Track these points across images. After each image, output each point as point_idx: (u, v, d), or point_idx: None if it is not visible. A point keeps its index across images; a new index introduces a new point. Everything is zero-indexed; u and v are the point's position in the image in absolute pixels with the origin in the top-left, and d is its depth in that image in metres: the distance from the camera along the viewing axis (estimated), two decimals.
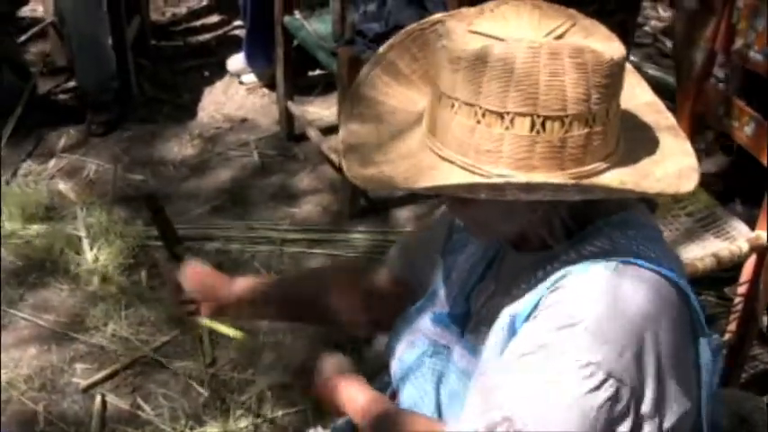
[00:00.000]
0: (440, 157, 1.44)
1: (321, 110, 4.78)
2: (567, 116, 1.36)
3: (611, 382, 1.40)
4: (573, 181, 1.39)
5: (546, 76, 1.34)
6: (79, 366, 3.40)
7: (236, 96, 5.02)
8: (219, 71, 5.17)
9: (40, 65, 5.19)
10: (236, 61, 5.09)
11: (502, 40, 1.36)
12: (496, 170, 1.39)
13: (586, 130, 1.38)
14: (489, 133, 1.38)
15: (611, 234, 1.51)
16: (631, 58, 4.51)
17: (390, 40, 1.60)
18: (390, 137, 1.52)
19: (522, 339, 1.47)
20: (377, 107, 1.57)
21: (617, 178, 1.42)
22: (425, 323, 1.76)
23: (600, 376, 1.39)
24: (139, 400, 3.26)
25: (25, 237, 3.94)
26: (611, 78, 1.38)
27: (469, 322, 1.69)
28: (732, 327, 3.01)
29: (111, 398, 3.27)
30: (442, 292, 1.78)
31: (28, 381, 3.33)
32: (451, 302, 1.74)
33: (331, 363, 1.84)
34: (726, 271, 3.13)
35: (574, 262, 1.48)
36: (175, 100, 4.99)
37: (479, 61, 1.35)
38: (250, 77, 5.06)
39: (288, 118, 4.56)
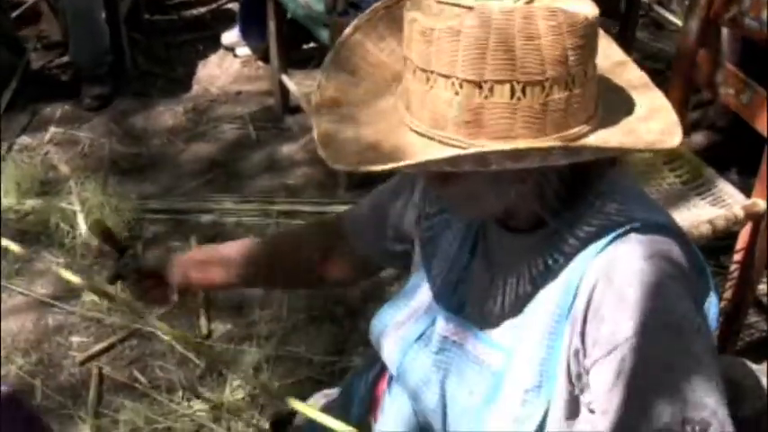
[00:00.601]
0: (417, 133, 1.40)
1: (315, 82, 4.72)
2: (546, 80, 1.33)
3: (695, 324, 1.43)
4: (560, 143, 1.36)
5: (522, 41, 1.31)
6: (76, 340, 3.41)
7: (231, 69, 5.01)
8: (214, 45, 5.16)
9: (34, 40, 5.18)
10: (231, 35, 5.07)
11: (471, 8, 1.32)
12: (477, 142, 1.35)
13: (566, 93, 1.35)
14: (468, 104, 1.34)
15: (617, 201, 1.49)
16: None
17: (355, 22, 1.55)
18: (366, 118, 1.48)
19: (603, 340, 1.43)
20: (349, 89, 1.52)
21: (602, 138, 1.40)
22: (417, 314, 1.71)
23: (697, 321, 1.44)
24: (136, 373, 3.26)
25: (21, 211, 3.93)
26: (587, 39, 1.35)
27: (468, 310, 1.65)
28: (728, 294, 3.01)
29: (107, 370, 3.28)
30: (425, 283, 1.73)
31: (25, 355, 3.34)
32: (439, 287, 1.70)
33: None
34: (722, 240, 3.13)
35: (590, 236, 1.46)
36: (169, 74, 4.98)
37: (453, 31, 1.31)
38: (244, 51, 5.05)
39: (282, 91, 4.55)
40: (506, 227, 1.58)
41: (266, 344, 3.30)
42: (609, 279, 1.42)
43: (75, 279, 2.14)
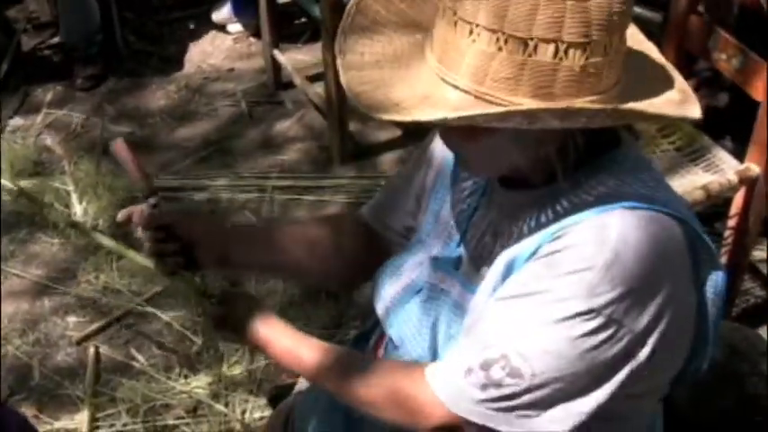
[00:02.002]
0: (453, 86, 1.40)
1: (308, 57, 4.74)
2: (589, 43, 1.33)
3: (610, 324, 1.40)
4: (611, 106, 1.36)
5: (572, 1, 1.30)
6: (72, 319, 3.41)
7: (223, 46, 4.99)
8: (205, 22, 5.13)
9: (24, 21, 5.14)
10: (222, 11, 5.05)
11: None
12: (515, 99, 1.35)
13: (604, 58, 1.35)
14: (510, 61, 1.34)
15: (619, 175, 1.48)
16: None
17: None
18: (392, 66, 1.48)
19: (521, 280, 1.46)
20: (370, 47, 1.51)
21: (646, 103, 1.40)
22: (420, 267, 1.73)
23: (600, 320, 1.39)
24: (133, 351, 3.26)
25: (14, 192, 3.92)
26: (628, 3, 1.36)
27: (463, 263, 1.67)
28: (723, 260, 3.01)
29: (104, 349, 3.28)
30: (430, 236, 1.76)
31: (22, 335, 3.34)
32: (442, 246, 1.72)
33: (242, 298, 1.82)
34: (716, 207, 3.13)
35: (582, 207, 1.46)
36: (161, 52, 4.95)
37: None
38: (236, 27, 5.03)
39: (274, 66, 4.53)
40: (508, 184, 1.58)
41: None
42: (569, 238, 1.43)
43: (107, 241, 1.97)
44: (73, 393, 3.12)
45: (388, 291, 1.77)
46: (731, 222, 2.97)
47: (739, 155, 2.98)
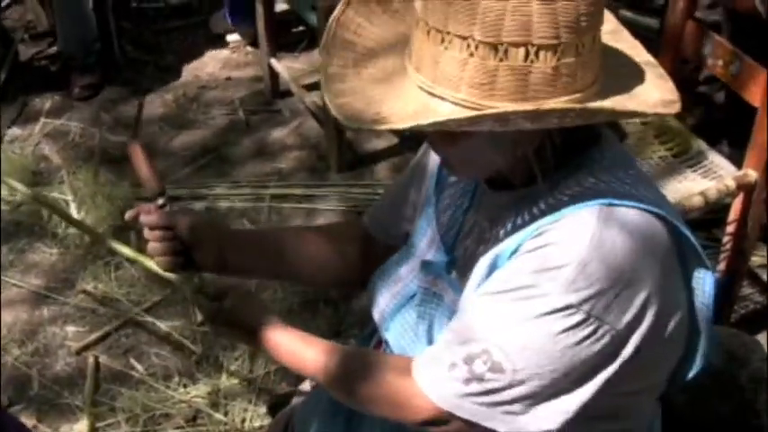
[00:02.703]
0: (430, 93, 1.42)
1: (305, 66, 4.76)
2: (559, 44, 1.35)
3: (590, 320, 1.41)
4: (580, 105, 1.38)
5: (539, 4, 1.32)
6: (71, 329, 3.41)
7: (220, 55, 5.00)
8: (202, 31, 5.15)
9: (22, 31, 5.15)
10: (219, 20, 5.06)
11: None
12: (491, 103, 1.37)
13: (576, 58, 1.37)
14: (483, 66, 1.36)
15: (596, 173, 1.50)
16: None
17: None
18: (374, 78, 1.50)
19: (503, 277, 1.48)
20: (354, 49, 1.54)
21: (616, 102, 1.42)
22: (414, 272, 1.75)
23: (579, 316, 1.40)
24: (132, 360, 3.26)
25: (13, 202, 3.93)
26: (597, 5, 1.38)
27: (455, 267, 1.69)
28: (721, 267, 3.01)
29: (103, 359, 3.28)
30: (423, 241, 1.77)
31: (21, 345, 3.34)
32: (435, 251, 1.74)
33: (243, 299, 1.80)
34: (714, 213, 3.14)
35: (559, 205, 1.47)
36: (158, 61, 4.96)
37: None
38: (233, 36, 5.04)
39: (271, 75, 4.54)
40: (493, 185, 1.61)
41: None
42: (549, 236, 1.44)
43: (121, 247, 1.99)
44: (72, 403, 3.12)
45: (384, 296, 1.79)
46: (729, 228, 2.97)
47: (737, 161, 2.98)
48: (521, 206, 1.53)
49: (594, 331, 1.42)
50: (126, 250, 2.03)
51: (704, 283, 1.55)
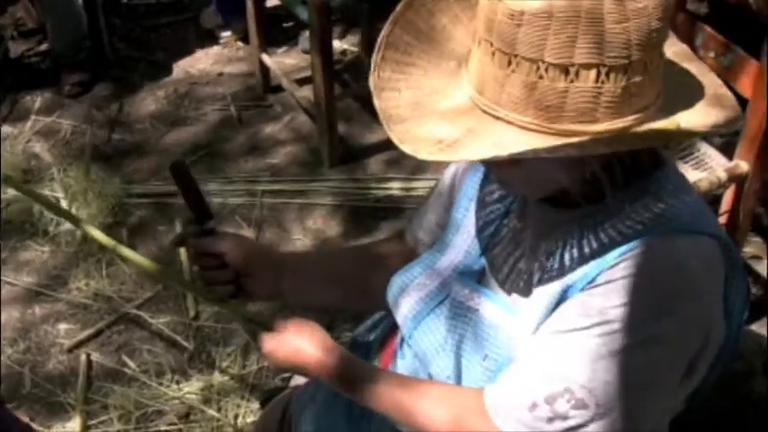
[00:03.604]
0: (495, 117, 1.37)
1: (296, 61, 4.75)
2: (630, 64, 1.31)
3: (668, 350, 1.41)
4: (674, 127, 1.34)
5: (611, 24, 1.28)
6: (63, 327, 3.40)
7: (211, 51, 4.99)
8: (193, 27, 5.14)
9: (11, 28, 5.14)
10: (210, 16, 5.05)
11: None
12: (560, 126, 1.33)
13: (645, 76, 1.33)
14: (552, 88, 1.31)
15: (663, 198, 1.47)
16: None
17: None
18: (432, 103, 1.44)
19: (580, 312, 1.44)
20: (405, 69, 1.49)
21: (678, 119, 1.38)
22: (441, 278, 1.71)
23: (660, 348, 1.40)
24: (125, 357, 3.26)
25: (4, 200, 3.91)
26: (665, 21, 1.33)
27: (486, 275, 1.65)
28: None
29: (96, 356, 3.28)
30: (450, 246, 1.74)
31: (13, 343, 3.33)
32: (464, 256, 1.71)
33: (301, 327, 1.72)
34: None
35: (631, 234, 1.44)
36: (149, 57, 4.95)
37: (545, 14, 1.28)
38: (224, 32, 5.03)
39: (263, 70, 4.53)
40: (550, 202, 1.55)
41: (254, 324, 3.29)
42: (628, 267, 1.41)
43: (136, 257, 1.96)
44: (65, 401, 3.11)
45: (407, 300, 1.74)
46: (721, 219, 2.97)
47: (728, 152, 2.98)
48: (584, 230, 1.49)
49: (672, 360, 1.42)
50: (129, 252, 1.96)
51: (741, 308, 1.56)
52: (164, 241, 3.72)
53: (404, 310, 1.74)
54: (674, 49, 1.50)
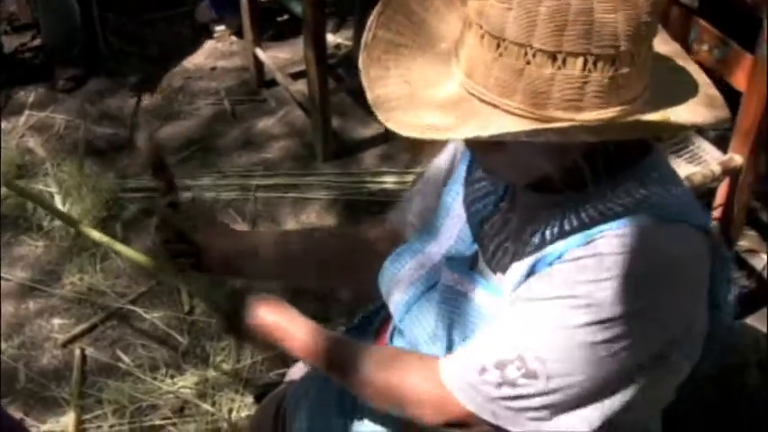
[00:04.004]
0: (482, 101, 1.37)
1: (290, 55, 4.75)
2: (617, 54, 1.31)
3: (632, 334, 1.39)
4: (658, 117, 1.34)
5: (600, 13, 1.28)
6: (57, 322, 3.40)
7: (205, 46, 4.99)
8: (187, 21, 5.13)
9: (4, 23, 5.13)
10: (205, 10, 5.05)
11: None
12: (545, 113, 1.33)
13: (632, 68, 1.33)
14: (539, 74, 1.31)
15: (647, 185, 1.46)
16: None
17: None
18: (422, 85, 1.44)
19: (544, 283, 1.44)
20: (397, 50, 1.48)
21: (668, 113, 1.38)
22: (431, 262, 1.71)
23: (621, 328, 1.38)
24: (119, 352, 3.25)
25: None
26: (656, 13, 1.34)
27: (479, 261, 1.65)
28: None
29: (90, 351, 3.28)
30: (441, 231, 1.74)
31: (7, 338, 3.33)
32: (455, 241, 1.70)
33: (265, 302, 1.75)
34: (700, 198, 3.13)
35: (609, 215, 1.44)
36: (143, 52, 4.95)
37: (535, 0, 1.29)
38: (218, 26, 5.03)
39: (256, 64, 4.53)
40: (535, 187, 1.55)
41: None
42: (596, 247, 1.41)
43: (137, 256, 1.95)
44: (59, 396, 3.11)
45: (398, 286, 1.74)
46: (715, 213, 2.97)
47: (722, 145, 2.98)
48: (567, 211, 1.49)
49: (632, 344, 1.40)
50: (123, 248, 1.98)
51: (728, 298, 1.54)
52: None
53: (396, 297, 1.74)
54: (666, 47, 1.51)
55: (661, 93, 1.41)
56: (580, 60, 1.30)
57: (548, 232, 1.50)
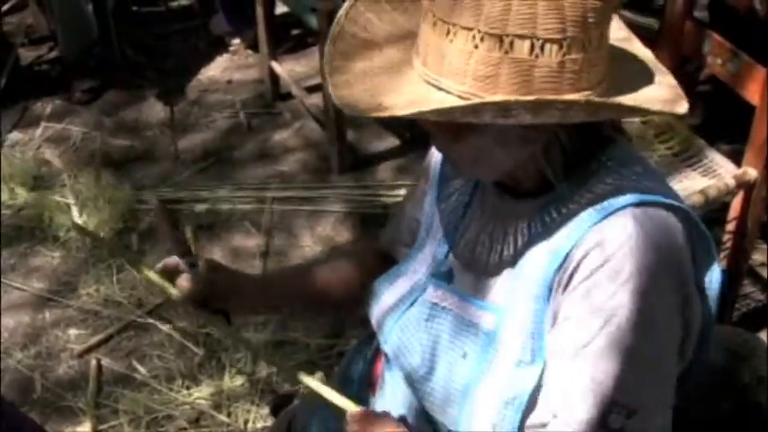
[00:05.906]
0: (435, 87, 1.40)
1: (305, 68, 4.76)
2: (565, 39, 1.33)
3: (664, 331, 1.44)
4: (584, 98, 1.36)
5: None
6: (73, 332, 3.41)
7: (221, 58, 5.01)
8: (203, 34, 5.15)
9: (22, 35, 5.16)
10: (220, 23, 5.06)
11: None
12: (495, 98, 1.35)
13: (582, 55, 1.36)
14: (487, 58, 1.34)
15: (619, 170, 1.49)
16: None
17: None
18: (379, 69, 1.48)
19: (574, 327, 1.45)
20: (361, 43, 1.52)
21: (620, 98, 1.41)
22: (419, 283, 1.71)
23: (658, 332, 1.43)
24: (135, 363, 3.27)
25: (14, 206, 3.94)
26: (606, 3, 1.36)
27: (455, 275, 1.66)
28: (722, 265, 3.01)
29: (106, 362, 3.29)
30: (423, 246, 1.75)
31: (23, 349, 3.34)
32: (432, 256, 1.71)
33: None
34: (714, 211, 3.14)
35: (589, 203, 1.46)
36: (159, 64, 4.97)
37: None
38: (234, 39, 5.05)
39: (272, 77, 4.54)
40: (509, 192, 1.58)
41: (264, 329, 3.31)
42: (603, 251, 1.42)
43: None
44: (75, 406, 3.12)
45: (383, 300, 1.75)
46: (729, 227, 2.97)
47: (735, 157, 2.99)
48: (545, 211, 1.51)
49: (669, 338, 1.46)
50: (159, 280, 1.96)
51: (713, 278, 1.55)
52: None
53: (376, 313, 1.76)
54: (621, 34, 1.53)
55: (619, 87, 1.43)
56: (527, 44, 1.33)
57: (519, 239, 1.53)
